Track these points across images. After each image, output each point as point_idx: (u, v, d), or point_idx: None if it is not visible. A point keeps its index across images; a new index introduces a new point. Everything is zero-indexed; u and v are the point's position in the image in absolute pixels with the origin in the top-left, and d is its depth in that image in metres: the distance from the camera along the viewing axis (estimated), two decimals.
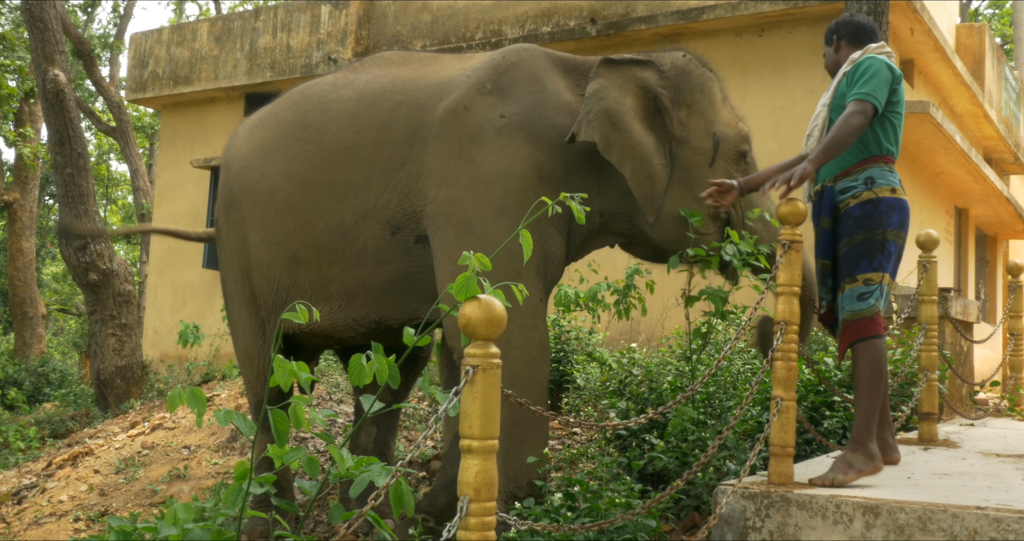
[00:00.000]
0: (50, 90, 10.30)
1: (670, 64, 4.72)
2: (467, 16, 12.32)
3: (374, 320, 4.80)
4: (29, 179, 19.64)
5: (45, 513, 6.25)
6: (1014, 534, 3.05)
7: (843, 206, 3.90)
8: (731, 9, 10.14)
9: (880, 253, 3.82)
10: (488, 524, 2.28)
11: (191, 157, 14.17)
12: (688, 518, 4.38)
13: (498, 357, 2.30)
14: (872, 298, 3.80)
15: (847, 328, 3.85)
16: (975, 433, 5.68)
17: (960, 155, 11.30)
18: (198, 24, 14.80)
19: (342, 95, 4.93)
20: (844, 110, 3.85)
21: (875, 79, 3.83)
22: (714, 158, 4.58)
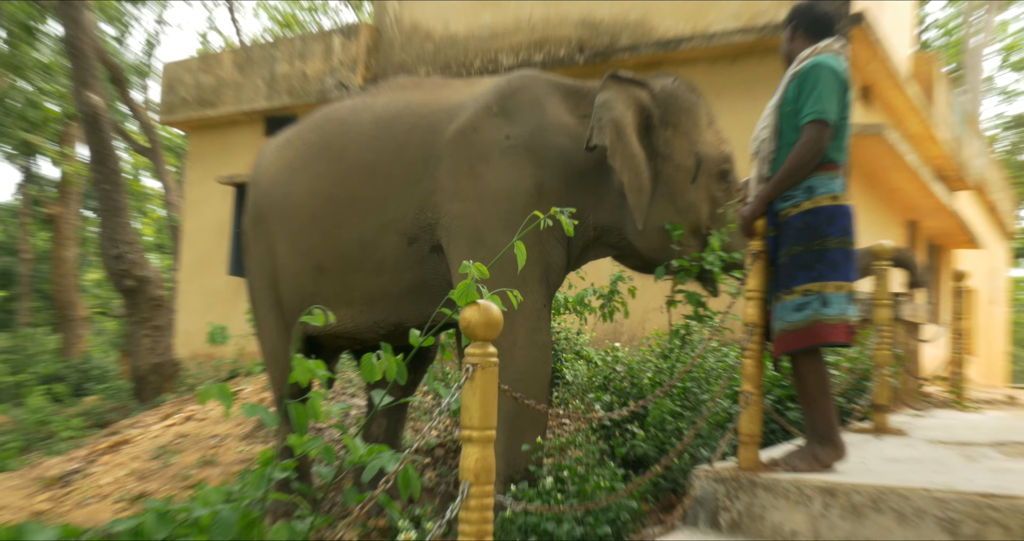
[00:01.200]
0: (88, 113, 10.33)
1: (660, 87, 4.74)
2: (467, 46, 12.35)
3: (393, 323, 4.81)
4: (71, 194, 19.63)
5: (89, 495, 6.27)
6: (955, 513, 3.09)
7: (784, 215, 3.55)
8: (706, 40, 10.19)
9: (820, 263, 3.45)
10: (487, 506, 2.30)
11: (216, 174, 14.18)
12: (666, 499, 4.40)
13: (495, 356, 2.32)
14: (809, 309, 3.43)
15: (782, 338, 3.49)
16: (923, 423, 5.72)
17: (912, 173, 11.35)
18: (222, 54, 14.82)
19: (361, 118, 4.95)
20: (793, 116, 3.53)
21: (824, 92, 3.45)
22: (696, 175, 4.58)
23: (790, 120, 3.56)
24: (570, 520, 3.57)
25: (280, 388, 5.24)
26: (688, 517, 3.64)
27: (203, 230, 14.51)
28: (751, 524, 3.44)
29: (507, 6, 12.07)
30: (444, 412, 2.42)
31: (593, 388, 5.66)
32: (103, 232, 10.41)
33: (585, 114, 4.67)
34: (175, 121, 15.11)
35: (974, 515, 3.06)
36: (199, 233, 14.61)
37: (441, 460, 5.73)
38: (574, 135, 4.58)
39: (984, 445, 4.64)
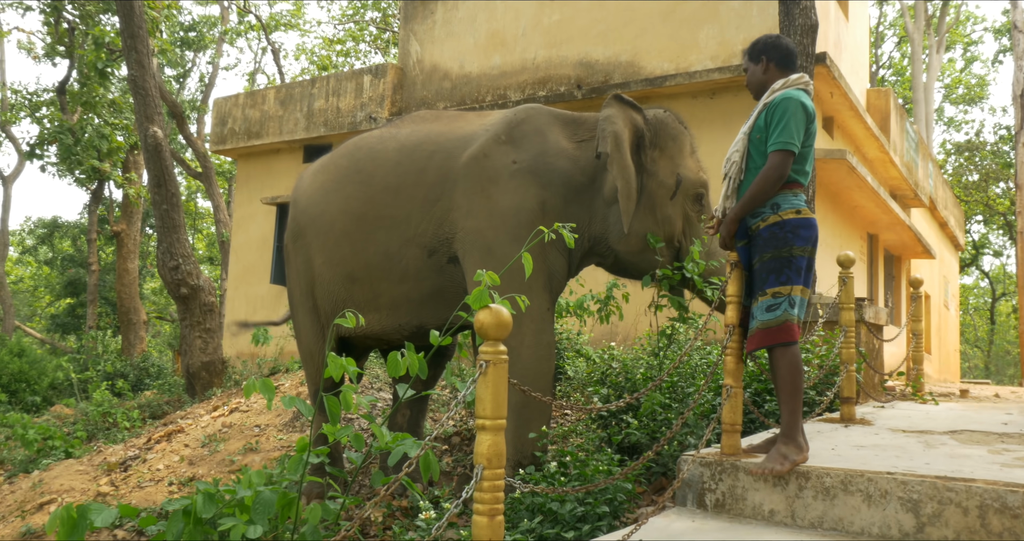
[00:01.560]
0: (150, 143, 10.33)
1: (653, 115, 4.76)
2: (479, 83, 12.35)
3: (415, 325, 4.82)
4: (133, 214, 19.67)
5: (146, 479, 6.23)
6: (917, 494, 3.03)
7: (754, 228, 3.51)
8: (688, 77, 10.18)
9: (787, 268, 3.41)
10: (498, 487, 2.27)
11: (261, 196, 14.20)
12: (657, 482, 4.36)
13: (506, 354, 2.30)
14: (780, 309, 3.40)
15: (758, 334, 3.44)
16: (885, 413, 5.65)
17: (871, 192, 11.31)
18: (267, 91, 14.85)
19: (387, 146, 4.97)
20: (761, 143, 3.49)
21: (792, 122, 3.39)
22: (675, 193, 4.58)
23: (758, 146, 3.50)
24: (572, 500, 3.52)
25: (315, 383, 5.24)
26: (677, 498, 3.59)
27: (248, 244, 14.52)
28: (734, 504, 3.39)
29: (514, 49, 12.09)
30: (460, 403, 2.38)
31: (592, 382, 5.61)
32: (161, 246, 10.40)
33: (582, 140, 4.69)
34: (225, 150, 15.14)
35: (934, 496, 3.00)
36: (245, 247, 14.61)
37: (457, 447, 5.68)
38: (572, 158, 4.60)
39: (941, 433, 4.57)
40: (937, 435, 4.50)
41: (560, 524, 3.49)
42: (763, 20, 9.89)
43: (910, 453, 3.79)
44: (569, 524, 3.48)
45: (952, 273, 20.63)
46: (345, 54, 27.58)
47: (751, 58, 3.69)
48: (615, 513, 3.66)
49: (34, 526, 5.49)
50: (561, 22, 11.68)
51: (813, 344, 5.61)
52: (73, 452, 7.77)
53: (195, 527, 2.47)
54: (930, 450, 3.92)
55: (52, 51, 19.60)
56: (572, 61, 11.49)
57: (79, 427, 9.01)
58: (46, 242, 27.13)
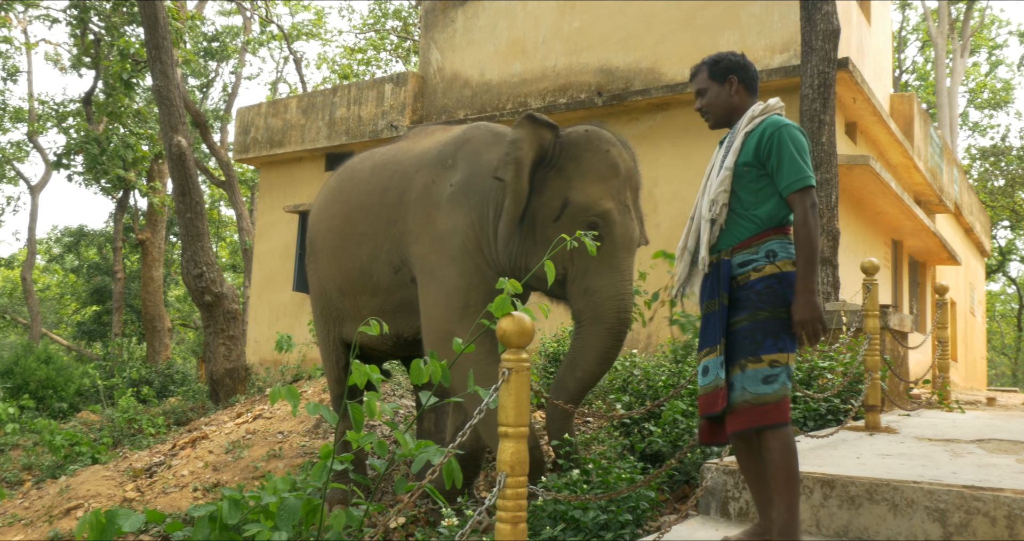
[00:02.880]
0: (175, 153, 10.44)
1: (567, 133, 4.51)
2: (500, 91, 12.38)
3: (394, 335, 4.96)
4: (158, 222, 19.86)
5: (171, 484, 6.27)
6: (943, 503, 3.01)
7: (742, 279, 2.88)
8: None
9: (785, 333, 2.82)
10: (521, 495, 2.27)
11: (283, 204, 14.29)
12: (680, 490, 4.34)
13: (528, 361, 2.30)
14: (778, 382, 2.79)
15: (748, 410, 2.79)
16: (911, 422, 5.60)
17: (895, 198, 11.22)
18: (288, 100, 14.96)
19: (364, 166, 5.24)
20: (751, 179, 2.91)
21: (804, 154, 2.88)
22: (559, 217, 4.32)
23: (746, 183, 2.92)
24: (595, 508, 3.51)
25: (334, 389, 5.39)
26: (700, 506, 3.58)
27: (271, 252, 14.62)
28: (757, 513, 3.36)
29: (534, 56, 12.11)
30: (482, 411, 2.39)
31: (614, 390, 5.60)
32: (186, 254, 10.49)
33: None
34: (248, 158, 15.26)
35: (961, 506, 2.97)
36: (268, 255, 14.71)
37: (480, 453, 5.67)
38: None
39: (968, 442, 4.53)
40: (964, 444, 4.46)
41: (583, 532, 3.48)
42: (784, 25, 9.85)
43: (936, 462, 3.75)
44: (592, 532, 3.47)
45: (978, 279, 20.41)
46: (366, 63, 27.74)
47: (713, 77, 3.12)
48: (638, 521, 3.64)
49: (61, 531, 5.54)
50: (581, 29, 11.69)
51: (837, 352, 5.58)
52: (99, 458, 7.85)
53: (221, 533, 2.49)
54: (957, 459, 3.88)
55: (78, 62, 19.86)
56: (592, 68, 11.49)
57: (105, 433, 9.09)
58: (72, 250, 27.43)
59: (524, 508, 2.26)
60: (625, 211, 4.31)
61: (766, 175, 2.91)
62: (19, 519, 6.01)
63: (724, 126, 3.14)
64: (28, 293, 23.17)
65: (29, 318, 23.65)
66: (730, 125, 3.12)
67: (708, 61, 3.14)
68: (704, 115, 3.15)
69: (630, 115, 11.05)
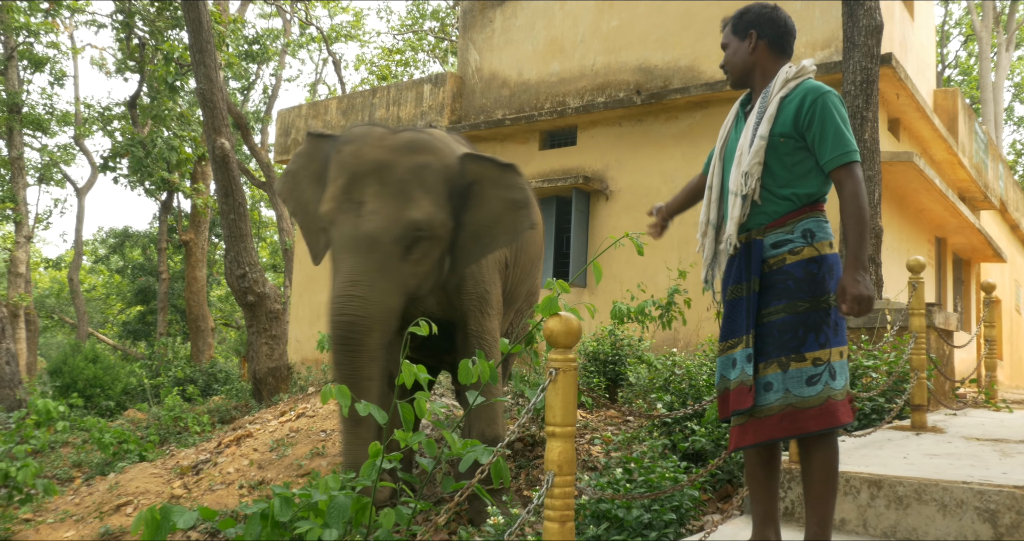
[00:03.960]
0: (218, 155, 10.57)
1: (338, 142, 4.25)
2: (538, 91, 12.39)
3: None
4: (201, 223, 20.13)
5: (217, 482, 6.36)
6: (994, 504, 2.97)
7: (775, 262, 2.61)
8: None
9: (826, 326, 2.55)
10: (569, 493, 2.28)
11: None
12: (722, 489, 4.32)
13: (575, 360, 2.31)
14: (820, 382, 2.52)
15: (789, 416, 2.54)
16: (957, 421, 5.52)
17: (939, 195, 11.05)
18: (328, 101, 15.09)
19: None
20: (787, 150, 2.63)
21: (846, 125, 2.60)
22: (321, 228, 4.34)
23: (780, 154, 2.65)
24: (639, 507, 3.51)
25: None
26: (745, 505, 3.56)
27: None
28: (803, 513, 3.34)
29: (573, 55, 12.10)
30: (529, 411, 2.40)
31: (654, 389, 5.58)
32: (229, 255, 10.63)
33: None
34: (289, 159, 15.39)
35: (1012, 506, 2.93)
36: (308, 255, 14.83)
37: (520, 452, 5.69)
38: None
39: (1017, 442, 4.45)
40: (1013, 443, 4.39)
41: (626, 531, 3.48)
42: (826, 22, 9.74)
43: (985, 462, 3.70)
44: (635, 531, 3.47)
45: None
46: (404, 64, 27.89)
47: (735, 30, 2.84)
48: (681, 520, 3.64)
49: (112, 527, 5.65)
50: (620, 28, 11.66)
51: (881, 350, 5.51)
52: (147, 455, 7.97)
53: (272, 530, 2.54)
54: (1006, 459, 3.82)
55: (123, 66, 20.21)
56: (631, 67, 11.46)
57: (152, 431, 9.24)
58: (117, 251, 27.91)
59: (572, 507, 2.27)
60: (347, 210, 3.92)
61: (804, 148, 2.64)
62: (70, 515, 6.13)
63: (742, 86, 2.86)
64: (75, 293, 23.62)
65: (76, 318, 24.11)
66: (747, 86, 2.84)
67: (736, 13, 2.88)
68: (725, 72, 2.89)
69: (669, 113, 11.00)
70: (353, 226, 3.84)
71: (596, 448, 5.36)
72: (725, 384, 2.69)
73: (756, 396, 2.58)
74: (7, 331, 10.42)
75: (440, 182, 3.98)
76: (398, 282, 3.82)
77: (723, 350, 2.72)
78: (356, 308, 3.71)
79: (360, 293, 3.73)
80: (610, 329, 7.15)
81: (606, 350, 6.96)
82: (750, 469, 2.77)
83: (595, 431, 5.80)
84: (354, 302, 3.72)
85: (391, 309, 3.80)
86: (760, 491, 2.75)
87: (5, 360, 10.26)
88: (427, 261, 3.95)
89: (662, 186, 10.59)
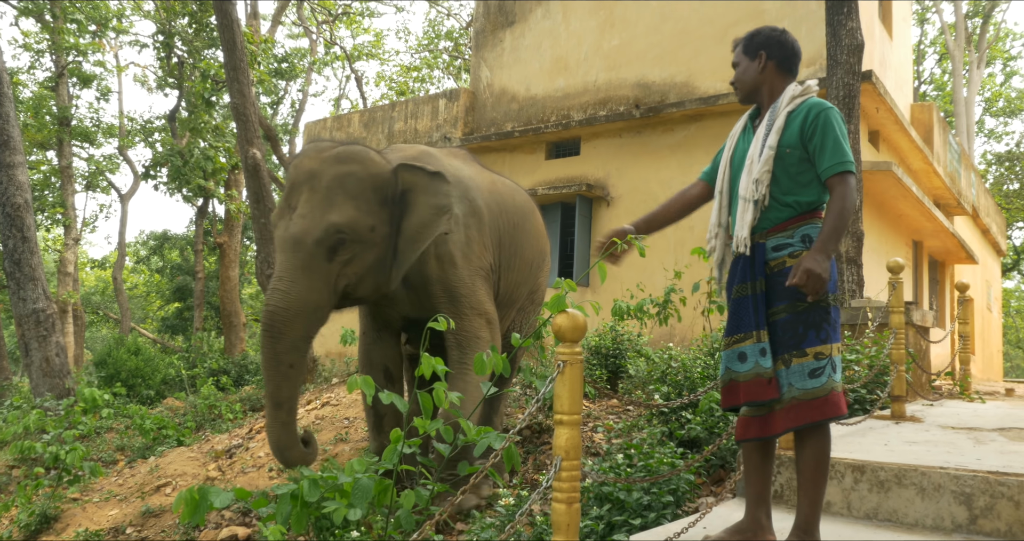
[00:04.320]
0: (250, 164, 10.60)
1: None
2: (544, 105, 12.38)
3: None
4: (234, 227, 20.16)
5: (249, 465, 6.36)
6: (969, 488, 2.95)
7: (775, 265, 2.63)
8: None
9: (826, 323, 2.59)
10: (575, 477, 2.27)
11: None
12: (715, 474, 4.31)
13: (581, 353, 2.30)
14: (824, 375, 2.54)
15: (795, 408, 2.55)
16: (934, 411, 5.49)
17: (916, 202, 11.00)
18: (351, 115, 15.11)
19: None
20: (792, 161, 2.64)
21: (844, 139, 2.63)
22: None
23: (787, 165, 2.66)
24: (639, 490, 3.50)
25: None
26: (738, 489, 3.54)
27: None
28: (791, 495, 3.33)
29: (576, 72, 12.08)
30: (539, 400, 2.39)
31: (652, 381, 5.57)
32: (260, 256, 10.65)
33: None
34: None
35: (986, 490, 2.91)
36: None
37: (528, 439, 5.69)
38: None
39: (990, 430, 4.42)
40: (986, 432, 4.36)
41: (627, 512, 3.47)
42: (811, 41, 9.70)
43: (961, 449, 3.67)
44: (636, 512, 3.46)
45: (994, 277, 19.92)
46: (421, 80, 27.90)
47: (746, 51, 2.84)
48: (678, 502, 3.62)
49: (152, 506, 5.66)
50: (620, 46, 11.64)
51: (863, 345, 5.49)
52: (184, 440, 7.99)
53: (301, 509, 2.53)
54: (980, 446, 3.79)
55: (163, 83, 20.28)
56: (631, 83, 11.43)
57: (189, 418, 9.25)
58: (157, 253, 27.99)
59: (578, 489, 2.27)
60: (285, 215, 4.01)
61: (807, 159, 2.66)
62: (114, 495, 6.15)
63: (750, 102, 2.87)
64: (118, 291, 23.70)
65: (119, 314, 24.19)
66: (755, 102, 2.86)
67: (747, 35, 2.87)
68: (735, 89, 2.89)
69: (665, 126, 10.97)
70: (284, 229, 3.93)
71: (599, 435, 5.34)
72: (731, 376, 2.68)
73: (781, 388, 2.58)
74: (57, 326, 10.46)
75: (366, 190, 3.99)
76: (322, 280, 3.85)
77: (728, 345, 2.71)
78: (278, 300, 3.76)
79: (283, 288, 3.78)
80: (611, 325, 7.13)
81: (607, 345, 6.95)
82: (746, 454, 2.78)
83: (597, 420, 5.78)
84: (277, 295, 3.78)
85: (314, 304, 3.82)
86: (754, 475, 2.75)
87: (55, 352, 10.30)
88: (358, 262, 3.96)
89: (660, 193, 10.57)
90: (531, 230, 5.11)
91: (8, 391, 12.96)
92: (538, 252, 5.23)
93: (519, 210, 5.01)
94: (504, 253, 4.80)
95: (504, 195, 4.92)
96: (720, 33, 10.60)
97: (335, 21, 26.06)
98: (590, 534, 3.27)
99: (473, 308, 4.32)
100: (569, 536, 2.23)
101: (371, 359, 4.70)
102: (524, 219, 5.03)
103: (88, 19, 20.14)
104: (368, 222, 3.93)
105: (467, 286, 4.33)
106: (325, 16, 25.74)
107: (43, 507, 5.73)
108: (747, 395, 2.63)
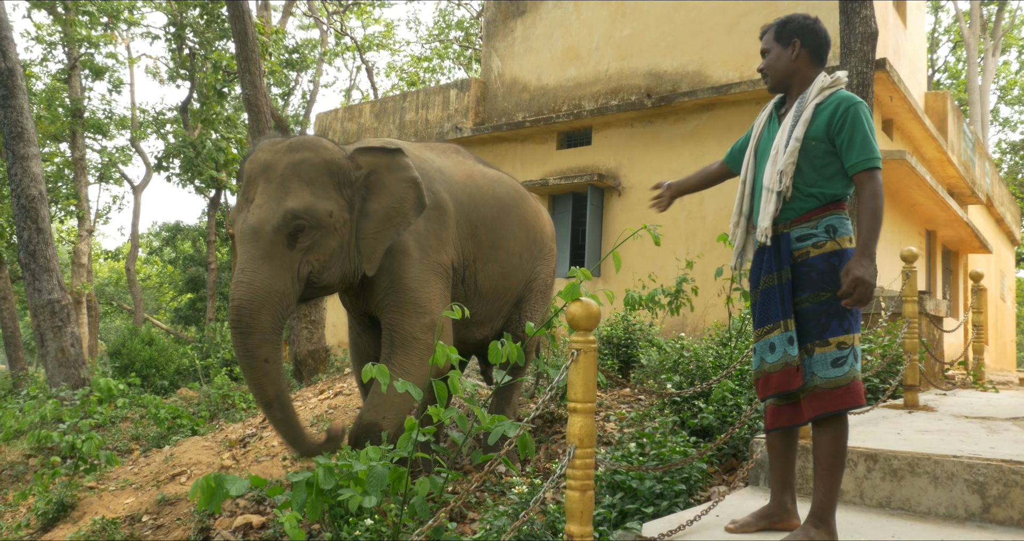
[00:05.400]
0: None
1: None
2: (555, 95, 12.35)
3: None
4: None
5: (263, 454, 6.40)
6: (983, 476, 2.94)
7: (799, 255, 2.63)
8: (752, 84, 9.99)
9: (849, 313, 2.59)
10: (589, 465, 2.28)
11: None
12: (727, 462, 4.31)
13: (595, 342, 2.31)
14: (847, 364, 2.56)
15: (819, 396, 2.58)
16: (947, 401, 5.47)
17: (930, 191, 10.93)
18: (362, 105, 15.11)
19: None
20: (817, 154, 2.62)
21: (872, 134, 2.59)
22: None
23: (812, 158, 2.64)
24: (651, 478, 3.51)
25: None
26: (750, 477, 3.55)
27: None
28: (804, 484, 3.33)
29: (588, 62, 12.04)
30: (553, 388, 2.40)
31: (664, 370, 5.57)
32: None
33: None
34: None
35: (1000, 479, 2.91)
36: None
37: (540, 428, 5.70)
38: None
39: (1003, 420, 4.41)
40: (1000, 421, 4.34)
41: (640, 500, 3.48)
42: None
43: (974, 438, 3.67)
44: (648, 500, 3.47)
45: (1008, 267, 19.79)
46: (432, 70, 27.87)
47: (778, 38, 2.78)
48: (690, 491, 3.63)
49: (168, 494, 5.71)
50: (632, 36, 11.59)
51: (876, 334, 5.47)
52: (198, 430, 8.04)
53: (316, 497, 2.55)
54: (994, 435, 3.78)
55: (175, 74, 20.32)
56: (642, 72, 11.39)
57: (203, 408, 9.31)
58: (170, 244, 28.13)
59: (592, 477, 2.28)
60: (243, 208, 3.95)
61: (832, 152, 2.63)
62: (130, 483, 6.20)
63: (780, 90, 2.83)
64: (132, 282, 23.84)
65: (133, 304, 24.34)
66: (786, 90, 2.82)
67: (778, 21, 2.82)
68: (764, 76, 2.85)
69: (677, 115, 10.93)
70: (243, 221, 3.87)
71: (611, 424, 5.35)
72: (764, 368, 2.71)
73: (806, 377, 2.61)
74: (72, 316, 10.54)
75: (322, 175, 3.94)
76: (284, 268, 3.78)
77: (760, 336, 2.72)
78: (242, 293, 3.69)
79: (246, 279, 3.72)
80: (623, 315, 7.13)
81: (619, 334, 6.95)
82: (771, 441, 2.82)
83: (610, 409, 5.79)
84: (240, 288, 3.71)
85: (279, 293, 3.74)
86: (779, 461, 2.81)
87: (70, 343, 10.38)
88: (320, 249, 3.89)
89: None
90: (517, 220, 4.97)
91: (24, 381, 13.08)
92: (530, 242, 5.10)
93: (500, 201, 4.86)
94: (482, 246, 4.68)
95: (483, 187, 4.79)
96: (732, 22, 10.54)
97: (345, 11, 26.04)
98: (603, 522, 3.28)
99: (417, 306, 4.13)
100: (583, 523, 2.24)
101: (359, 350, 4.66)
102: (506, 210, 4.89)
103: (100, 11, 20.19)
104: (326, 207, 3.88)
105: (416, 280, 4.18)
106: (336, 6, 25.74)
107: (60, 495, 5.79)
108: (777, 385, 2.66)
